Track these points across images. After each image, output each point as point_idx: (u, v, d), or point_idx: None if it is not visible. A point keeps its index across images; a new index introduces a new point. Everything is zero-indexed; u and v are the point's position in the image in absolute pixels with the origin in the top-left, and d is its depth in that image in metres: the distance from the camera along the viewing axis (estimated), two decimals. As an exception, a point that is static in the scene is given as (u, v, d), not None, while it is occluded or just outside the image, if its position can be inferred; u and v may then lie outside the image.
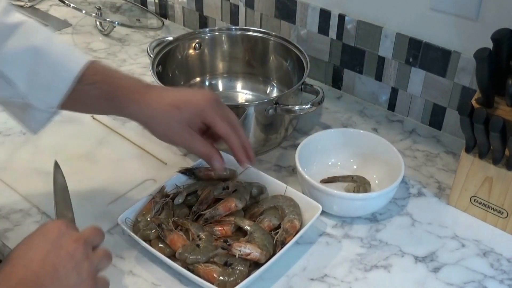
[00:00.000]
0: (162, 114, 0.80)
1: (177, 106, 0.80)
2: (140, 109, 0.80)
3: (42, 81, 0.78)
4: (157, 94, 0.81)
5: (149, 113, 0.80)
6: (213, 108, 0.81)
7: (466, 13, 0.98)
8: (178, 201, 0.87)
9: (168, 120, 0.80)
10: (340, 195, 0.89)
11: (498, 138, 0.81)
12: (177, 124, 0.80)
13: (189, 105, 0.81)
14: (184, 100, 0.81)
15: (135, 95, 0.80)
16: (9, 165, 0.99)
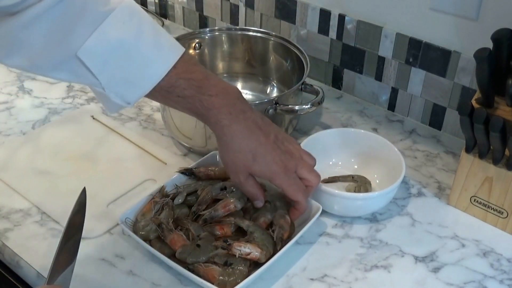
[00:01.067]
0: (238, 154, 0.80)
1: (253, 154, 0.80)
2: (224, 135, 0.79)
3: (123, 78, 0.75)
4: (243, 128, 0.79)
5: (229, 144, 0.80)
6: (280, 176, 0.81)
7: (466, 13, 0.98)
8: (178, 201, 0.87)
9: (237, 163, 0.81)
10: (341, 194, 0.89)
11: (498, 138, 0.81)
12: (242, 168, 0.81)
13: (261, 160, 0.80)
14: (262, 156, 0.80)
15: (224, 121, 0.78)
16: (9, 165, 0.99)
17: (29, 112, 1.13)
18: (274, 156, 0.80)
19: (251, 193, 0.84)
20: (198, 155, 1.01)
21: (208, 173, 0.92)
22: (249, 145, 0.79)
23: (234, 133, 0.79)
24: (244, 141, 0.79)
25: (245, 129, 0.79)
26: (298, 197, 0.83)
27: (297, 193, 0.82)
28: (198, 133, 1.00)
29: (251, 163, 0.80)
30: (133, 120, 1.12)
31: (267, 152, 0.80)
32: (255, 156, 0.79)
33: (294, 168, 0.82)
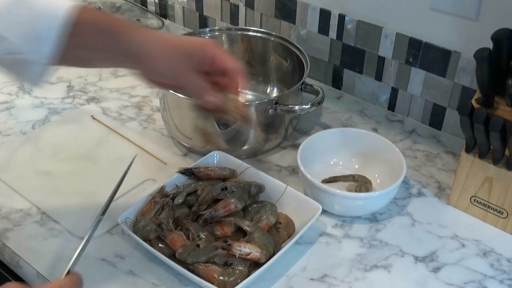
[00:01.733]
0: (163, 41, 0.78)
1: (180, 40, 0.80)
2: (143, 39, 0.76)
3: (32, 32, 0.73)
4: (156, 32, 0.81)
5: (153, 43, 0.77)
6: (215, 44, 0.81)
7: (466, 13, 0.98)
8: (178, 201, 0.87)
9: (169, 48, 0.77)
10: (342, 194, 0.89)
11: (498, 138, 0.81)
12: (180, 58, 0.78)
13: (190, 40, 0.81)
14: (188, 39, 0.82)
15: (135, 29, 0.77)
16: (9, 165, 0.99)
17: (29, 112, 1.13)
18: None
19: (200, 85, 0.80)
20: (198, 155, 1.01)
21: (208, 173, 0.92)
22: (169, 35, 0.82)
23: (150, 32, 0.79)
24: (164, 34, 0.81)
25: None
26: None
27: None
28: (198, 133, 1.00)
29: (183, 49, 0.79)
30: (133, 120, 1.12)
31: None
32: (182, 41, 0.81)
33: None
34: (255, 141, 1.01)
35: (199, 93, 0.81)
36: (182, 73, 0.79)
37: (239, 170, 0.93)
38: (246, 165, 0.93)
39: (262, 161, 1.03)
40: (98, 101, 1.17)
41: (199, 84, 0.80)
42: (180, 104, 0.99)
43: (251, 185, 0.90)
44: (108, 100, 1.18)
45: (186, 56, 0.78)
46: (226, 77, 0.81)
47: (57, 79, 1.24)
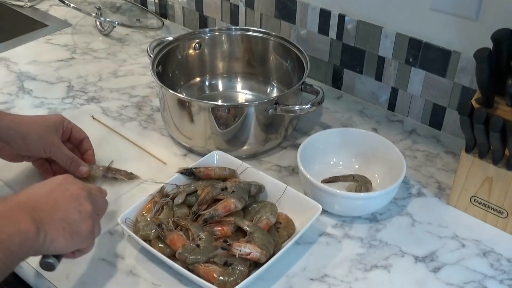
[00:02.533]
0: (33, 121, 0.90)
1: (42, 118, 0.93)
2: (12, 120, 0.88)
3: None
4: (16, 116, 0.91)
5: (23, 121, 0.89)
6: (65, 119, 0.95)
7: (466, 13, 0.98)
8: (178, 201, 0.87)
9: (39, 126, 0.90)
10: (342, 194, 0.89)
11: (498, 138, 0.81)
12: (46, 129, 0.90)
13: (50, 117, 0.93)
14: (43, 116, 0.97)
15: (5, 116, 0.89)
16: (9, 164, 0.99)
17: (29, 112, 1.13)
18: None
19: (70, 156, 0.92)
20: (198, 155, 1.01)
21: (208, 173, 0.92)
22: (30, 116, 0.94)
23: (15, 116, 0.91)
24: (26, 116, 0.93)
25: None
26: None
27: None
28: (198, 133, 1.00)
29: (46, 121, 0.92)
30: (133, 120, 1.12)
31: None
32: (43, 117, 0.94)
33: None
34: (255, 141, 1.01)
35: (71, 165, 0.92)
36: (54, 145, 0.90)
37: (239, 170, 0.93)
38: (246, 165, 0.93)
39: (262, 161, 1.03)
40: (98, 101, 1.17)
41: (71, 156, 0.92)
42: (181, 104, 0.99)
43: (251, 185, 0.90)
44: (108, 100, 1.18)
45: (53, 129, 0.91)
46: (81, 146, 0.97)
47: (57, 79, 1.24)
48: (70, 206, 0.69)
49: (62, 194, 0.69)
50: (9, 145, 0.89)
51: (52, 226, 0.67)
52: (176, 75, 1.16)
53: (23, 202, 0.66)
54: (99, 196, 0.77)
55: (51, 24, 1.46)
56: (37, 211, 0.66)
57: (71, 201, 0.70)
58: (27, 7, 1.53)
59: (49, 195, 0.69)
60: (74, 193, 0.71)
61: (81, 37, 1.41)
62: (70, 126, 0.95)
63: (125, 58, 1.33)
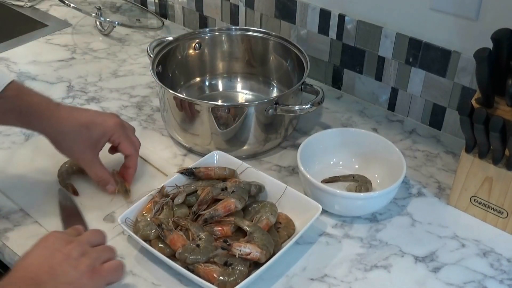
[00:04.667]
0: (71, 131, 0.87)
1: (86, 125, 0.87)
2: (51, 126, 0.86)
3: None
4: (67, 113, 0.88)
5: (59, 130, 0.86)
6: (119, 130, 0.90)
7: (466, 13, 0.98)
8: (178, 201, 0.87)
9: (75, 137, 0.87)
10: (342, 194, 0.89)
11: (498, 138, 0.81)
12: (82, 142, 0.87)
13: (97, 126, 0.88)
14: (92, 121, 0.89)
15: (46, 113, 0.86)
16: (9, 165, 0.99)
17: (29, 112, 1.13)
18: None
19: (99, 175, 0.90)
20: (198, 155, 1.01)
21: (208, 173, 0.92)
22: (77, 118, 0.89)
23: (60, 115, 0.88)
24: (72, 118, 0.88)
25: (67, 109, 0.90)
26: None
27: None
28: (198, 133, 1.00)
29: (87, 132, 0.89)
30: (133, 120, 1.12)
31: (99, 116, 0.92)
32: (87, 125, 0.89)
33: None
34: (255, 141, 1.01)
35: (99, 184, 0.91)
36: (85, 161, 0.90)
37: (239, 170, 0.93)
38: (246, 165, 0.93)
39: (262, 161, 1.03)
40: (98, 101, 1.17)
41: (99, 176, 0.90)
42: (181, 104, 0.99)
43: (251, 185, 0.90)
44: (108, 100, 1.18)
45: (92, 145, 0.88)
46: (125, 161, 0.94)
47: (57, 79, 1.24)
48: (64, 267, 0.68)
49: (53, 257, 0.69)
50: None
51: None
52: (176, 75, 1.16)
53: (22, 277, 0.66)
54: (94, 239, 0.75)
55: (51, 24, 1.46)
56: (40, 284, 0.66)
57: (64, 260, 0.69)
58: (27, 7, 1.52)
59: (44, 263, 0.68)
60: (65, 252, 0.69)
61: (81, 37, 1.41)
62: (118, 140, 0.91)
63: (125, 58, 1.33)
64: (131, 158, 0.93)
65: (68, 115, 0.87)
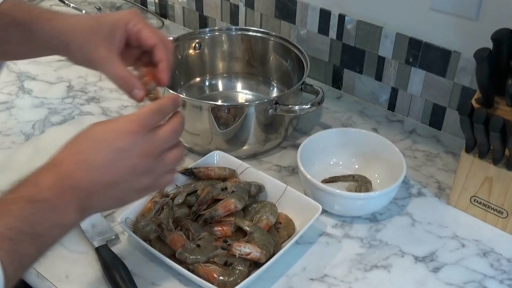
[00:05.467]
0: (79, 27, 0.71)
1: (95, 19, 0.72)
2: (54, 26, 0.72)
3: None
4: (71, 15, 0.74)
5: (65, 28, 0.71)
6: (135, 16, 0.72)
7: (466, 13, 0.98)
8: (178, 201, 0.87)
9: (84, 34, 0.70)
10: (342, 194, 0.89)
11: (498, 138, 0.81)
12: (94, 37, 0.70)
13: (109, 17, 0.72)
14: (102, 15, 0.73)
15: (47, 15, 0.73)
16: (8, 165, 0.99)
17: (29, 112, 1.13)
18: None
19: (120, 75, 0.71)
20: (198, 155, 1.00)
21: (208, 173, 0.92)
22: (85, 16, 0.81)
23: (64, 16, 0.75)
24: (79, 16, 0.78)
25: (72, 14, 0.77)
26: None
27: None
28: (198, 133, 1.00)
29: (98, 26, 0.72)
30: (133, 120, 1.12)
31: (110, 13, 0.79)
32: (97, 18, 0.74)
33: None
34: (255, 141, 1.01)
35: (122, 87, 0.71)
36: (100, 60, 0.70)
37: (239, 170, 0.93)
38: (246, 165, 0.93)
39: (262, 161, 1.03)
40: (98, 101, 1.17)
41: (121, 75, 0.70)
42: (180, 104, 0.99)
43: (251, 185, 0.90)
44: (108, 100, 1.18)
45: (105, 37, 0.70)
46: (153, 56, 0.72)
47: (57, 79, 1.24)
48: (126, 185, 0.61)
49: (121, 167, 0.60)
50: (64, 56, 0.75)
51: (99, 206, 0.62)
52: (176, 75, 1.16)
53: (78, 186, 0.59)
54: (170, 142, 0.65)
55: (51, 24, 1.46)
56: (90, 197, 0.60)
57: (129, 176, 0.61)
58: (27, 7, 1.52)
59: (108, 170, 0.60)
60: (134, 164, 0.61)
61: (81, 37, 1.41)
62: (136, 28, 0.70)
63: (125, 58, 1.33)
64: (158, 49, 0.71)
65: (72, 16, 0.74)
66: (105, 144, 0.61)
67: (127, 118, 0.64)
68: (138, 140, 0.62)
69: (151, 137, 0.64)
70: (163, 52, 0.71)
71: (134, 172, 0.62)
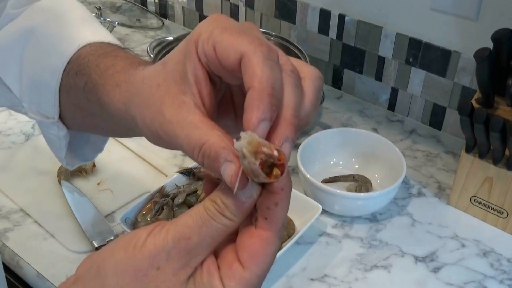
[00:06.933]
0: (144, 83, 0.43)
1: (162, 63, 0.43)
2: (121, 92, 0.46)
3: (32, 77, 0.54)
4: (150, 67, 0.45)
5: (132, 91, 0.44)
6: (215, 23, 0.39)
7: (466, 13, 0.98)
8: (178, 201, 0.87)
9: (147, 90, 0.42)
10: (342, 194, 0.89)
11: (498, 138, 0.81)
12: (157, 91, 0.41)
13: (177, 50, 0.41)
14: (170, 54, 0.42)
15: (121, 75, 0.47)
16: (9, 165, 0.99)
17: (29, 112, 1.13)
18: None
19: (204, 139, 0.38)
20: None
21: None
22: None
23: (138, 73, 0.46)
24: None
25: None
26: None
27: None
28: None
29: (163, 68, 0.42)
30: (133, 120, 1.12)
31: None
32: (165, 60, 0.42)
33: None
34: (255, 141, 1.01)
35: (200, 159, 0.41)
36: (165, 124, 0.41)
37: (239, 170, 0.93)
38: None
39: (262, 161, 1.03)
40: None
41: (199, 142, 0.39)
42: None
43: (251, 185, 0.89)
44: (108, 100, 1.17)
45: (171, 77, 0.41)
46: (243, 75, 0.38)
47: (57, 79, 1.24)
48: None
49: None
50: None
51: None
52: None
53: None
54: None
55: (51, 24, 1.46)
56: None
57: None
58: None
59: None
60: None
61: (81, 37, 1.40)
62: (208, 47, 0.38)
63: (125, 58, 1.33)
64: (246, 62, 0.37)
65: (142, 71, 0.45)
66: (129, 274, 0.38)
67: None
68: (171, 277, 0.38)
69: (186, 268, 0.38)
70: (253, 70, 0.36)
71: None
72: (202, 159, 0.40)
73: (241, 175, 0.36)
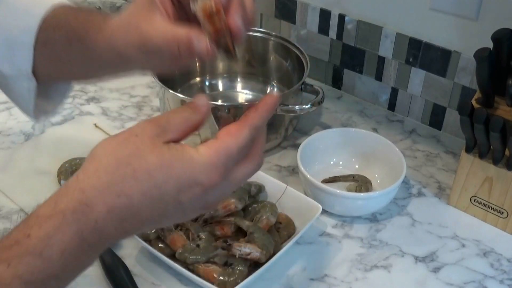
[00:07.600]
0: (122, 21, 0.56)
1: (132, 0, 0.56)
2: (105, 36, 0.57)
3: (6, 36, 0.61)
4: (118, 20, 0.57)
5: (113, 29, 0.56)
6: None
7: (466, 13, 0.98)
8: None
9: (124, 23, 0.55)
10: (342, 194, 0.89)
11: (498, 138, 0.81)
12: (133, 18, 0.54)
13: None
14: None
15: (101, 23, 0.58)
16: (8, 165, 0.99)
17: (29, 112, 1.13)
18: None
19: (183, 34, 0.52)
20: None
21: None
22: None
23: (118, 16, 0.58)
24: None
25: None
26: None
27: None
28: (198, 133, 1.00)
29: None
30: (133, 120, 1.12)
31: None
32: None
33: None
34: (255, 141, 1.01)
35: (181, 51, 0.52)
36: (142, 35, 0.53)
37: (239, 170, 0.93)
38: None
39: (262, 161, 1.03)
40: (98, 101, 1.17)
41: (175, 35, 0.51)
42: (181, 104, 0.99)
43: (251, 185, 0.89)
44: (108, 100, 1.18)
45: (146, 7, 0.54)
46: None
47: (57, 79, 1.24)
48: (173, 219, 0.50)
49: (173, 211, 0.48)
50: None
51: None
52: (176, 75, 1.16)
53: (120, 215, 0.48)
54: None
55: (51, 24, 1.45)
56: (141, 227, 0.50)
57: (179, 216, 0.50)
58: (27, 7, 1.52)
59: (155, 210, 0.48)
60: (188, 211, 0.49)
61: (81, 37, 1.40)
62: None
63: (125, 58, 1.33)
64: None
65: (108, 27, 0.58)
66: (162, 187, 0.48)
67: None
68: (200, 190, 0.49)
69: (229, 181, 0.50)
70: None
71: (186, 212, 0.50)
72: (177, 48, 0.51)
73: (210, 44, 0.50)
